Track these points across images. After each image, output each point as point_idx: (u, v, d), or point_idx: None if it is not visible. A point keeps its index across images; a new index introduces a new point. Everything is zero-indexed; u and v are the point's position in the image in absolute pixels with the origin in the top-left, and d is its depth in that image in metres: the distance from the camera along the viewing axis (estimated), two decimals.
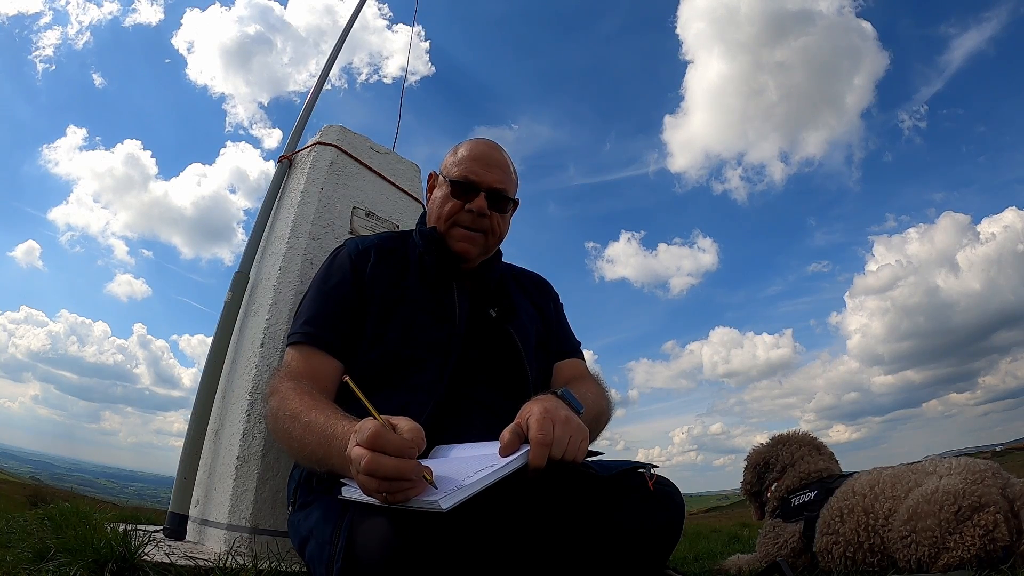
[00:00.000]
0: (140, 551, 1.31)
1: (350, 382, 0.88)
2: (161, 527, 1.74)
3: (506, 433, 0.96)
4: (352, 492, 0.91)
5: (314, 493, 1.17)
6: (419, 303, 1.33)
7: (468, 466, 0.90)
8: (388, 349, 1.26)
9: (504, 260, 1.58)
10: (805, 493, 1.99)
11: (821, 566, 1.84)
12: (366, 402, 0.86)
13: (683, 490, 1.31)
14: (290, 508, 1.27)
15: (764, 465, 2.19)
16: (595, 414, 1.29)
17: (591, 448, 1.13)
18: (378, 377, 1.25)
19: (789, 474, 2.09)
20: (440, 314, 1.32)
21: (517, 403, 1.27)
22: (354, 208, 2.05)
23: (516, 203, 1.50)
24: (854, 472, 2.01)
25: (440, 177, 1.48)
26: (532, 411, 1.00)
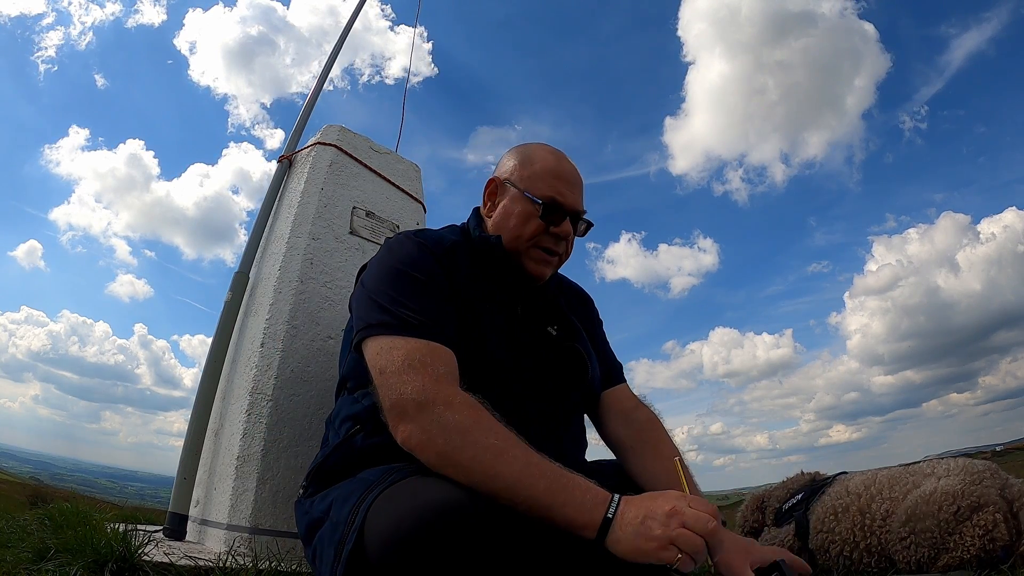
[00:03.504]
0: (140, 551, 1.32)
1: (679, 465, 0.93)
2: (161, 527, 1.75)
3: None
4: None
5: (334, 481, 1.13)
6: (491, 321, 1.23)
7: None
8: (462, 364, 1.13)
9: None
10: (792, 498, 2.05)
11: (820, 563, 1.85)
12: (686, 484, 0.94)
13: None
14: (301, 492, 1.24)
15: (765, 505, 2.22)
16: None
17: None
18: None
19: (778, 487, 2.15)
20: (508, 334, 1.24)
21: (572, 425, 1.27)
22: (354, 208, 2.05)
23: (591, 225, 1.42)
24: (843, 472, 2.05)
25: (512, 188, 1.35)
26: (769, 550, 1.00)
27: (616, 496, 0.91)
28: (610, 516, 0.88)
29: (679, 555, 0.83)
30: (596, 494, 0.92)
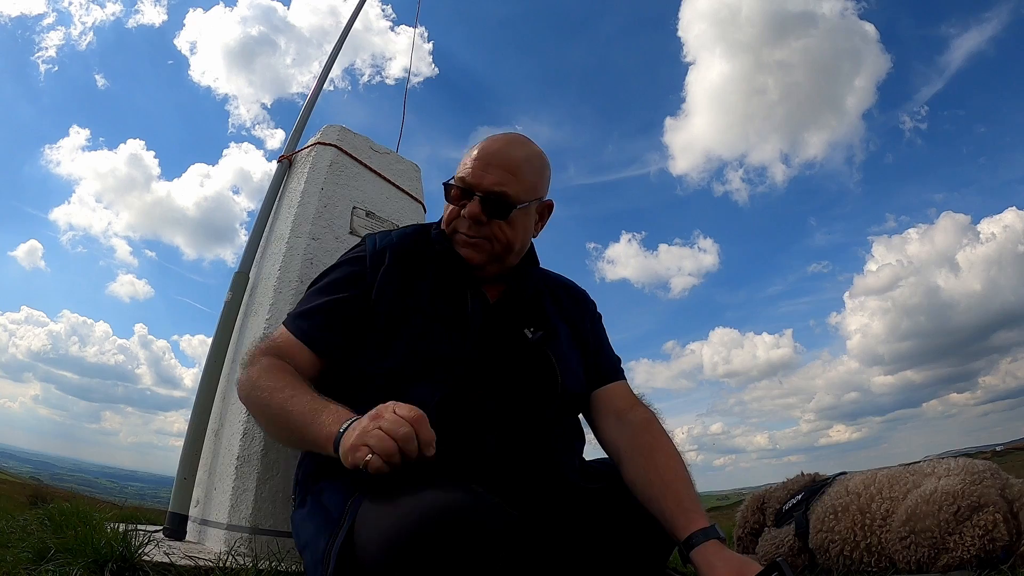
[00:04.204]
0: (140, 551, 1.32)
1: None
2: (161, 527, 1.74)
3: None
4: None
5: (311, 494, 1.15)
6: (431, 313, 1.23)
7: None
8: (396, 359, 1.18)
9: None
10: (793, 498, 2.04)
11: (820, 563, 1.85)
12: None
13: None
14: (293, 504, 1.26)
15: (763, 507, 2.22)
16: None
17: None
18: (385, 388, 1.16)
19: (779, 488, 2.15)
20: (453, 326, 1.22)
21: (534, 432, 1.19)
22: (354, 208, 2.05)
23: (542, 205, 1.37)
24: (843, 472, 2.05)
25: None
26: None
27: (355, 417, 0.97)
28: (341, 431, 0.94)
29: (369, 455, 0.86)
30: (339, 415, 0.99)
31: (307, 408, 1.03)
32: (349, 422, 0.95)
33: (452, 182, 1.30)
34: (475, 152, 1.30)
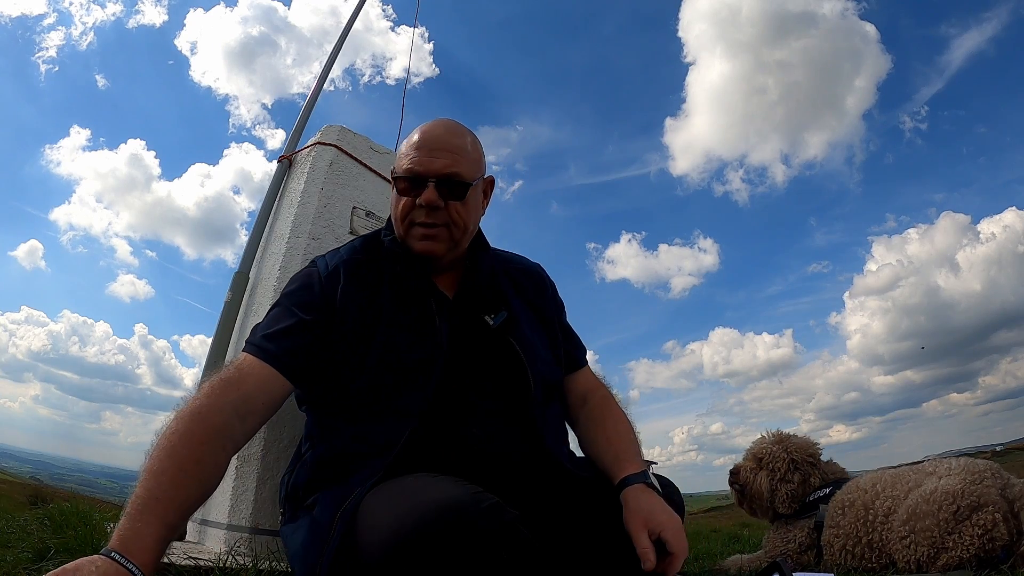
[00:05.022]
0: None
1: None
2: None
3: (648, 551, 1.02)
4: None
5: (302, 508, 1.16)
6: (397, 322, 1.22)
7: None
8: (372, 375, 1.17)
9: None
10: (822, 489, 2.01)
11: (826, 558, 1.86)
12: None
13: (683, 490, 1.31)
14: (281, 516, 1.26)
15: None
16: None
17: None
18: (365, 405, 1.17)
19: (814, 474, 2.06)
20: (421, 331, 1.21)
21: (518, 421, 1.21)
22: (354, 208, 2.05)
23: (485, 182, 1.35)
24: (865, 471, 2.05)
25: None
26: (663, 523, 1.05)
27: (111, 555, 0.84)
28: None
29: None
30: (119, 537, 0.87)
31: (134, 500, 0.93)
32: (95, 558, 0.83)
33: (400, 175, 1.26)
34: (416, 141, 1.28)
